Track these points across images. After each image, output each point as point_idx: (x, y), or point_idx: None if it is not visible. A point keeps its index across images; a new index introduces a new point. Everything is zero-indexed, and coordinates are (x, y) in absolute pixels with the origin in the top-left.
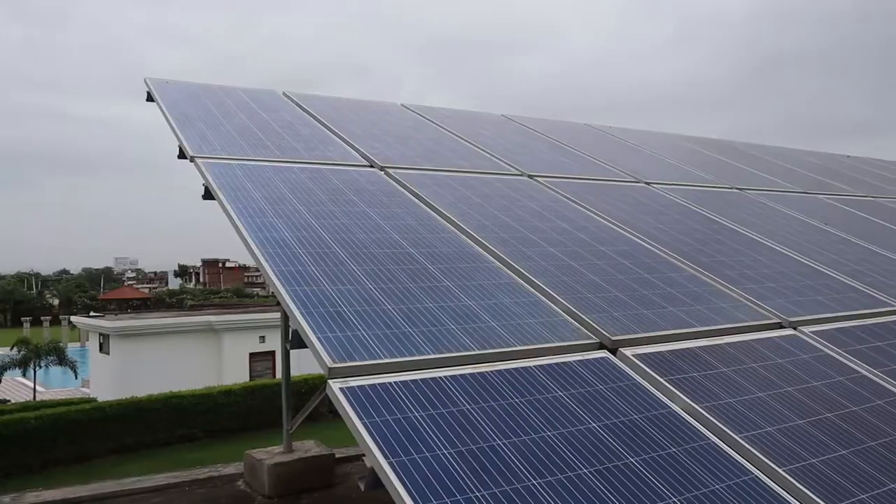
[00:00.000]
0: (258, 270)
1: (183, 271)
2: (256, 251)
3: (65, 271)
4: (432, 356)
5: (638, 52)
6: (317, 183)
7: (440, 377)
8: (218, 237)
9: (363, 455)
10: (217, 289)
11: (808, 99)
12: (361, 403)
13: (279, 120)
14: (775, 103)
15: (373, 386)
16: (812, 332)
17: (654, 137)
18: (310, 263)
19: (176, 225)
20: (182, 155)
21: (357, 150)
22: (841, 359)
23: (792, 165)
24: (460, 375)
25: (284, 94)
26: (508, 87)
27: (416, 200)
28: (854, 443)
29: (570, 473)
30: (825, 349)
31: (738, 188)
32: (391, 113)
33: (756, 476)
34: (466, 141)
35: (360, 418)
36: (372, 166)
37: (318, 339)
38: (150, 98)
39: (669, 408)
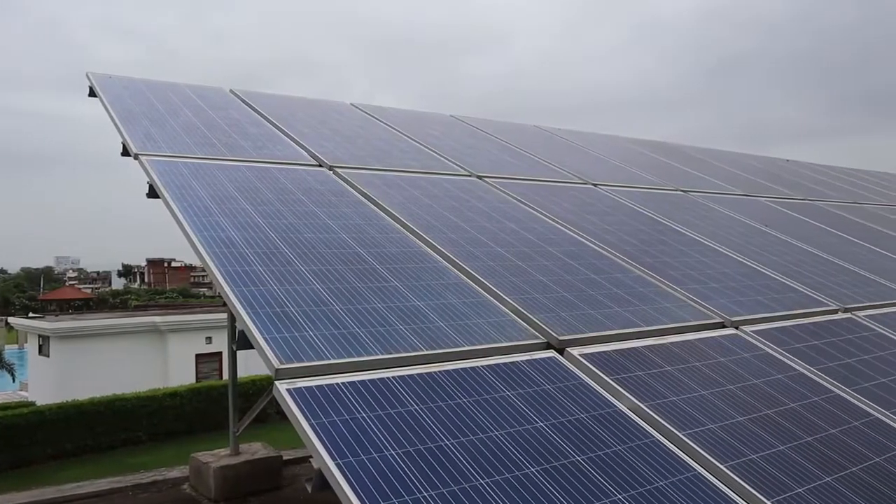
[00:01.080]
0: (205, 270)
1: (127, 271)
2: (202, 251)
3: (2, 271)
4: (380, 357)
5: (589, 55)
6: (265, 182)
7: (388, 378)
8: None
9: (311, 457)
10: (162, 289)
11: (752, 104)
12: (308, 404)
13: (227, 118)
14: (722, 108)
15: (320, 387)
16: (753, 331)
17: (601, 140)
18: (257, 263)
19: (120, 224)
20: (126, 152)
21: (306, 150)
22: (780, 357)
23: (735, 169)
24: (409, 376)
25: (232, 91)
26: (459, 88)
27: (365, 200)
28: (792, 438)
29: (517, 472)
30: (765, 348)
31: (682, 190)
32: (341, 112)
33: (698, 472)
34: (416, 141)
35: (308, 419)
36: (321, 166)
37: (265, 339)
38: (92, 93)
39: (615, 406)
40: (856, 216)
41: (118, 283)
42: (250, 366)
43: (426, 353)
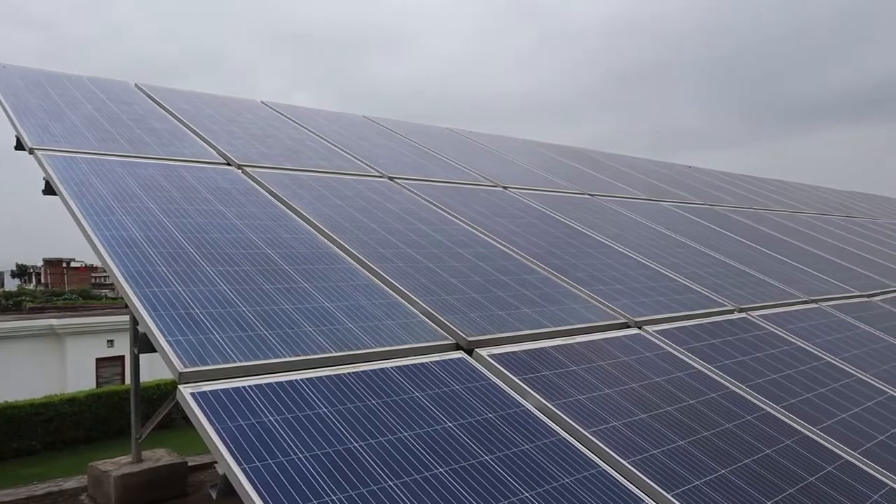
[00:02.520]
0: (106, 271)
1: (22, 271)
2: (102, 250)
3: None
4: (288, 359)
5: (501, 60)
6: (170, 180)
7: (296, 380)
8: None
9: (216, 462)
10: (61, 290)
11: (659, 112)
12: (214, 408)
13: (130, 113)
14: (631, 115)
15: (226, 390)
16: (655, 330)
17: (512, 143)
18: (160, 264)
19: (13, 222)
20: (20, 146)
21: (214, 148)
22: (680, 356)
23: (640, 174)
24: (317, 378)
25: (137, 85)
26: (373, 88)
27: (274, 200)
28: (690, 434)
29: (426, 473)
30: (667, 347)
31: (589, 194)
32: (250, 110)
33: (603, 469)
34: (327, 141)
35: (212, 424)
36: (229, 164)
37: (169, 342)
38: None
39: (523, 406)
40: (752, 221)
41: (11, 284)
42: (157, 370)
43: (335, 354)
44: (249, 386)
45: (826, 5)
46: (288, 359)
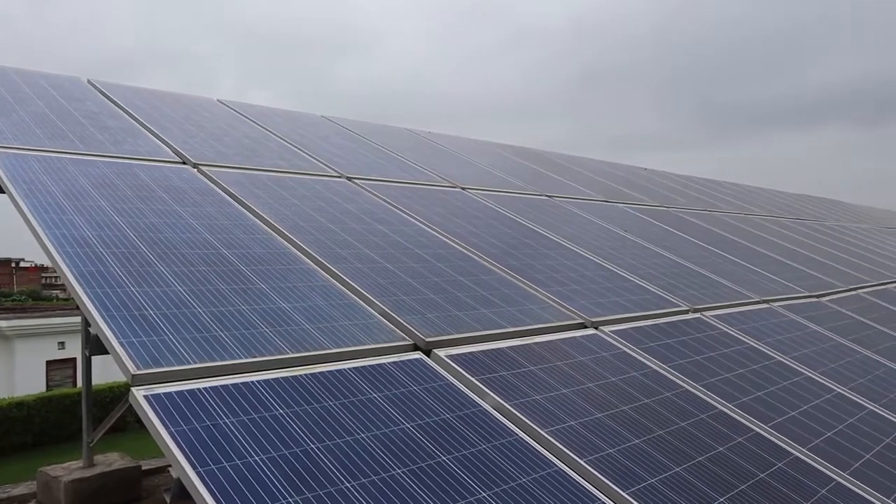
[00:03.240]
0: (56, 271)
1: None
2: (53, 250)
3: None
4: (244, 360)
5: (461, 61)
6: (123, 179)
7: (253, 382)
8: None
9: (170, 466)
10: (9, 291)
11: (617, 115)
12: (167, 411)
13: (83, 109)
14: (589, 117)
15: (180, 392)
16: (611, 331)
17: (470, 144)
18: (113, 264)
19: None
20: None
21: (169, 146)
22: (636, 355)
23: (597, 176)
24: (273, 379)
25: (89, 81)
26: (332, 88)
27: (231, 200)
28: (646, 432)
29: (383, 474)
30: (623, 347)
31: (547, 195)
32: (207, 108)
33: (560, 468)
34: (285, 141)
35: (166, 427)
36: (185, 163)
37: (121, 344)
38: None
39: (480, 406)
40: (705, 222)
41: None
42: (111, 372)
43: (292, 356)
44: (204, 388)
45: (781, 15)
46: (244, 360)
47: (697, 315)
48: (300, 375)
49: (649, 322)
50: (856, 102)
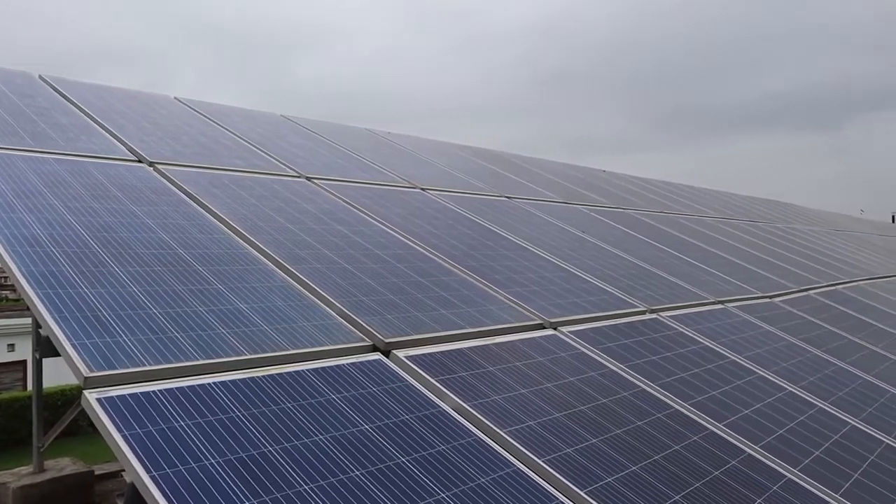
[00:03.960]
0: (6, 271)
1: None
2: (2, 250)
3: None
4: (201, 362)
5: (422, 62)
6: (77, 177)
7: (209, 384)
8: None
9: (123, 470)
10: None
11: (576, 117)
12: (121, 414)
13: (34, 106)
14: (549, 119)
15: (134, 395)
16: (570, 331)
17: (430, 145)
18: (66, 264)
19: None
20: None
21: (124, 144)
22: (594, 356)
23: (556, 177)
24: (230, 381)
25: (41, 77)
26: (292, 87)
27: (188, 199)
28: (603, 432)
29: (342, 476)
30: (581, 347)
31: (506, 196)
32: (163, 106)
33: (518, 468)
34: (244, 140)
35: (119, 430)
36: (140, 161)
37: (73, 346)
38: None
39: (439, 407)
40: (662, 224)
41: None
42: (62, 375)
43: (249, 357)
44: (159, 390)
45: (740, 23)
46: (200, 362)
47: (654, 316)
48: (258, 377)
49: (607, 323)
50: (809, 108)
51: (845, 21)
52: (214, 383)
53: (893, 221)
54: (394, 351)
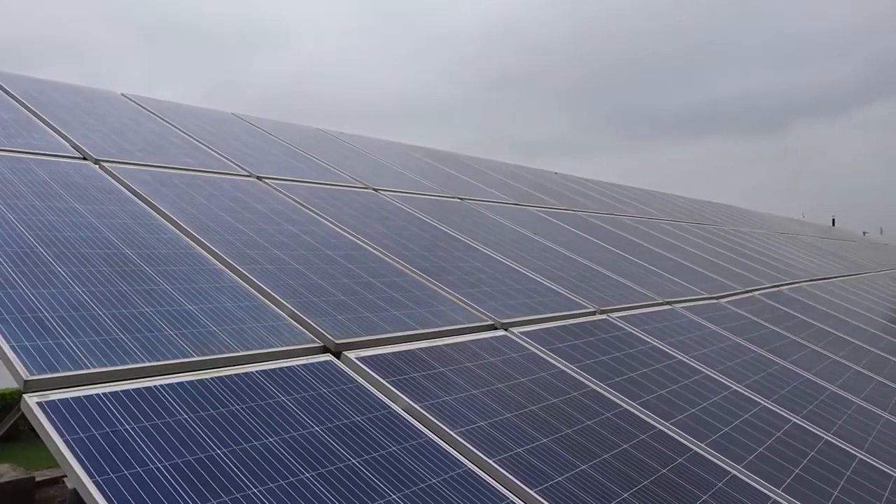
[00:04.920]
0: None
1: None
2: None
3: None
4: (147, 364)
5: (374, 62)
6: (18, 174)
7: (156, 386)
8: None
9: (65, 476)
10: None
11: (528, 119)
12: (63, 418)
13: None
14: (501, 121)
15: (77, 398)
16: (521, 332)
17: (384, 145)
18: (6, 264)
19: None
20: None
21: (68, 140)
22: (544, 356)
23: (508, 179)
24: (178, 383)
25: None
26: (244, 85)
27: (135, 198)
28: (553, 431)
29: (292, 479)
30: (531, 348)
31: (459, 198)
32: (110, 102)
33: (469, 468)
34: (193, 138)
35: (61, 435)
36: (85, 159)
37: (13, 348)
38: None
39: (391, 408)
40: (612, 226)
41: None
42: (3, 378)
43: (197, 359)
44: (104, 393)
45: (688, 30)
46: (147, 364)
47: (604, 316)
48: (206, 379)
49: (557, 323)
50: (754, 113)
51: (791, 30)
52: (161, 386)
53: (834, 225)
54: (345, 352)
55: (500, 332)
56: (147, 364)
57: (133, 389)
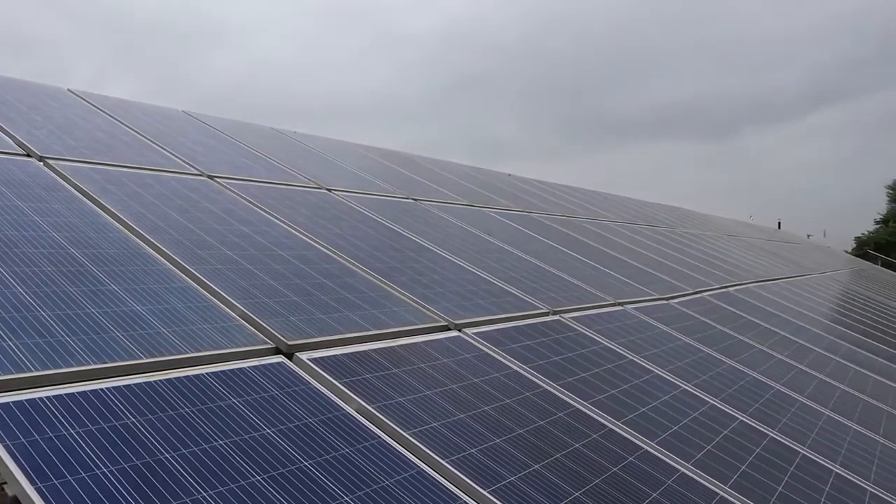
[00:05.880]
0: None
1: None
2: None
3: None
4: (93, 366)
5: (331, 61)
6: None
7: (102, 389)
8: None
9: (4, 483)
10: None
11: (484, 120)
12: (3, 423)
13: None
14: (457, 122)
15: (19, 402)
16: (474, 333)
17: (337, 145)
18: None
19: None
20: None
21: (11, 137)
22: (497, 357)
23: (462, 180)
24: (125, 386)
25: None
26: (196, 82)
27: (81, 196)
28: (506, 432)
29: (242, 482)
30: (485, 349)
31: (413, 198)
32: (56, 98)
33: (422, 469)
34: (143, 135)
35: (1, 440)
36: (29, 156)
37: None
38: None
39: (343, 410)
40: (565, 227)
41: None
42: None
43: (146, 361)
44: (47, 397)
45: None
46: (93, 366)
47: (556, 317)
48: (154, 381)
49: (511, 324)
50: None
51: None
52: (108, 388)
53: (779, 227)
54: (297, 353)
55: (454, 333)
56: (93, 366)
57: (78, 393)
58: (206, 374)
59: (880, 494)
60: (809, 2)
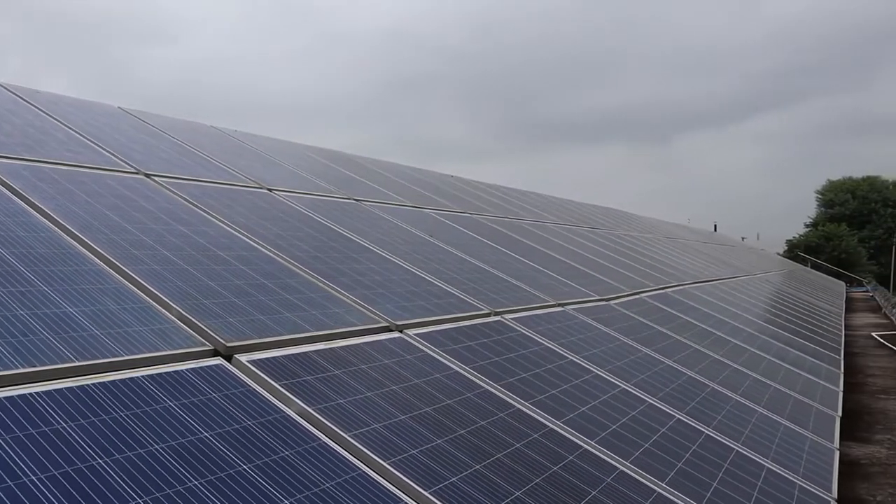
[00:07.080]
0: None
1: None
2: None
3: None
4: (21, 370)
5: (271, 58)
6: None
7: (31, 394)
8: None
9: None
10: None
11: (427, 121)
12: None
13: None
14: (399, 123)
15: None
16: (416, 334)
17: (278, 145)
18: None
19: None
20: None
21: None
22: (439, 358)
23: (405, 181)
24: (56, 390)
25: None
26: (134, 78)
27: (10, 193)
28: (448, 432)
29: (179, 487)
30: (426, 350)
31: (355, 199)
32: None
33: (363, 471)
34: (76, 131)
35: None
36: None
37: None
38: None
39: (283, 412)
40: (507, 229)
41: None
42: None
43: (78, 364)
44: None
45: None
46: (21, 370)
47: (498, 318)
48: (87, 385)
49: (452, 325)
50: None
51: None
52: (37, 393)
53: (715, 230)
54: (236, 355)
55: (395, 334)
56: (21, 370)
57: (5, 397)
58: (142, 377)
59: (808, 487)
60: (748, 12)
